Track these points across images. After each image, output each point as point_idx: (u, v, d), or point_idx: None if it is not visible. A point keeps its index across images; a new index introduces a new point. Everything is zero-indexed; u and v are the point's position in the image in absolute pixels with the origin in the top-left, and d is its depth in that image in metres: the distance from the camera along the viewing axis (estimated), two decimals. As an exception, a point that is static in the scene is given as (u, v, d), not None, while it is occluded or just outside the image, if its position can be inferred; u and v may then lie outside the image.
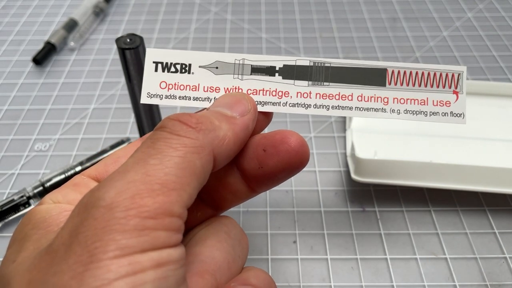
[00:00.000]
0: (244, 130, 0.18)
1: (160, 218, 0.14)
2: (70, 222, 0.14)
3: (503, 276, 0.27)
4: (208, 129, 0.16)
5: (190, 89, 0.20)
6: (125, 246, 0.13)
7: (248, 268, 0.18)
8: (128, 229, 0.13)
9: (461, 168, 0.29)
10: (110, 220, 0.13)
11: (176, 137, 0.15)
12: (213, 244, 0.17)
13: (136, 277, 0.13)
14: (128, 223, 0.13)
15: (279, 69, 0.20)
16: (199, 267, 0.16)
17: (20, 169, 0.34)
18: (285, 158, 0.18)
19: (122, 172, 0.15)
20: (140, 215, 0.13)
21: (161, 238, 0.13)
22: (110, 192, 0.14)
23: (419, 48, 0.46)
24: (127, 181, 0.14)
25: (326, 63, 0.20)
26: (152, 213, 0.14)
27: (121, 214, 0.13)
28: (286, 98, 0.20)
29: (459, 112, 0.20)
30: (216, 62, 0.20)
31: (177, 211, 0.14)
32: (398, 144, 0.34)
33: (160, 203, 0.14)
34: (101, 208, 0.14)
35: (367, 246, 0.29)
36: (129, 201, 0.14)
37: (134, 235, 0.13)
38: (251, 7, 0.52)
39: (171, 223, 0.14)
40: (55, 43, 0.45)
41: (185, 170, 0.15)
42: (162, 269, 0.13)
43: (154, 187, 0.14)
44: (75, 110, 0.39)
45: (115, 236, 0.13)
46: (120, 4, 0.53)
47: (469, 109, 0.36)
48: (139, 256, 0.13)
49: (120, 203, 0.13)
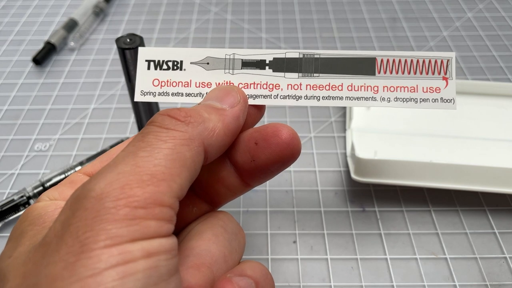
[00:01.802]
0: (235, 120, 0.18)
1: (150, 208, 0.14)
2: (62, 214, 0.14)
3: (503, 276, 0.27)
4: (197, 122, 0.16)
5: (182, 85, 0.20)
6: (115, 235, 0.13)
7: (245, 261, 0.19)
8: (118, 219, 0.13)
9: (461, 168, 0.29)
10: (100, 210, 0.13)
11: (165, 131, 0.16)
12: (209, 238, 0.18)
13: (126, 266, 0.13)
14: (118, 212, 0.13)
15: (269, 62, 0.20)
16: (195, 260, 0.17)
17: (20, 169, 0.34)
18: (277, 151, 0.18)
19: (113, 165, 0.15)
20: (130, 204, 0.14)
21: (151, 228, 0.14)
22: (100, 183, 0.14)
23: (419, 48, 0.46)
24: (117, 172, 0.14)
25: (316, 55, 0.20)
26: (142, 202, 0.14)
27: (111, 204, 0.13)
28: (277, 90, 0.20)
29: (449, 98, 0.20)
30: (207, 58, 0.21)
31: (167, 201, 0.14)
32: (398, 144, 0.34)
33: (150, 193, 0.14)
34: (91, 199, 0.14)
35: (367, 246, 0.29)
36: (119, 191, 0.14)
37: (124, 225, 0.13)
38: (251, 7, 0.52)
39: (162, 213, 0.14)
40: (55, 43, 0.45)
41: (174, 161, 0.15)
42: (153, 258, 0.13)
43: (144, 177, 0.14)
44: (75, 110, 0.39)
45: (105, 226, 0.13)
46: (120, 4, 0.53)
47: (469, 109, 0.36)
48: (130, 245, 0.13)
49: (110, 193, 0.14)
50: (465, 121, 0.36)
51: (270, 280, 0.18)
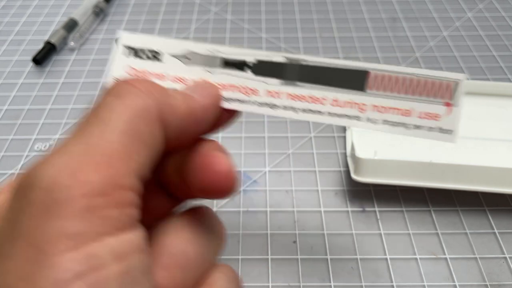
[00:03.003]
0: (202, 110, 0.16)
1: (110, 194, 0.12)
2: (8, 211, 0.12)
3: (503, 276, 0.27)
4: (158, 92, 0.14)
5: (157, 78, 0.19)
6: (75, 233, 0.11)
7: (217, 268, 0.16)
8: (74, 212, 0.11)
9: (461, 168, 0.29)
10: (51, 204, 0.11)
11: (120, 101, 0.14)
12: (187, 237, 0.16)
13: (97, 274, 0.11)
14: (73, 204, 0.11)
15: (253, 65, 0.19)
16: (168, 261, 0.15)
17: (20, 169, 0.34)
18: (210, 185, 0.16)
19: (63, 146, 0.13)
20: (86, 193, 0.11)
21: (114, 217, 0.12)
22: (48, 169, 0.12)
23: (419, 48, 0.46)
24: (66, 155, 0.12)
25: (302, 61, 0.18)
26: (100, 189, 0.12)
27: (63, 194, 0.11)
28: (255, 96, 0.18)
29: (449, 129, 0.17)
30: (188, 52, 0.19)
31: (127, 182, 0.12)
32: (398, 144, 0.34)
33: (106, 177, 0.12)
34: (39, 190, 0.12)
35: (367, 246, 0.29)
36: (71, 178, 0.12)
37: (82, 219, 0.11)
38: (251, 7, 0.52)
39: (123, 198, 0.12)
40: (55, 43, 0.45)
41: (130, 136, 0.13)
42: (126, 261, 0.12)
43: (97, 158, 0.12)
44: (75, 110, 0.39)
45: (61, 223, 0.11)
46: (120, 4, 0.53)
47: (469, 109, 0.36)
48: (95, 246, 0.11)
49: (61, 182, 0.12)
50: (465, 121, 0.35)
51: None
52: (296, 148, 0.36)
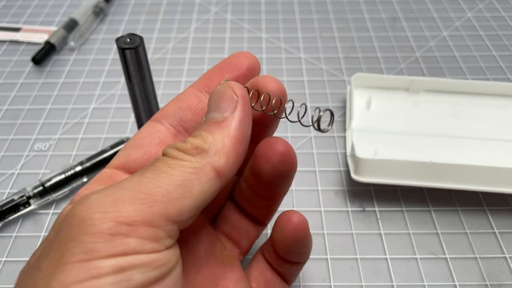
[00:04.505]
0: (240, 126, 0.18)
1: (136, 226, 0.14)
2: (59, 219, 0.15)
3: (503, 276, 0.27)
4: (204, 150, 0.16)
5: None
6: (90, 249, 0.13)
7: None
8: (99, 232, 0.13)
9: (461, 168, 0.29)
10: (86, 220, 0.14)
11: (174, 160, 0.16)
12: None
13: (93, 282, 0.13)
14: (101, 225, 0.13)
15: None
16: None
17: (20, 169, 0.34)
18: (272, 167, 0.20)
19: (118, 182, 0.15)
20: (115, 219, 0.14)
21: (131, 245, 0.14)
22: (97, 194, 0.14)
23: (419, 48, 0.46)
24: (118, 187, 0.15)
25: None
26: (129, 219, 0.14)
27: (98, 215, 0.14)
28: None
29: None
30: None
31: (157, 222, 0.14)
32: (398, 144, 0.34)
33: (140, 212, 0.14)
34: (82, 206, 0.14)
35: (367, 246, 0.29)
36: (110, 204, 0.14)
37: (103, 239, 0.13)
38: (251, 7, 0.52)
39: (147, 232, 0.14)
40: (54, 43, 0.45)
41: (178, 187, 0.15)
42: (124, 273, 0.13)
43: (140, 195, 0.14)
44: (75, 110, 0.39)
45: (85, 238, 0.13)
46: (120, 4, 0.53)
47: (469, 109, 0.36)
48: (102, 261, 0.13)
49: (101, 204, 0.14)
50: (465, 121, 0.36)
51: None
52: (296, 148, 0.35)
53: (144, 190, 0.15)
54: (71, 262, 0.13)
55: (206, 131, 0.17)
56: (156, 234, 0.14)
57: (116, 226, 0.14)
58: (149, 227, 0.14)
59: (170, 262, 0.15)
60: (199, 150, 0.16)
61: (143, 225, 0.14)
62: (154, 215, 0.14)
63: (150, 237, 0.14)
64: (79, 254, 0.13)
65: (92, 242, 0.13)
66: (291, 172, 0.21)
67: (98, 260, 0.13)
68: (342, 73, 0.43)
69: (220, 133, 0.17)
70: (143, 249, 0.14)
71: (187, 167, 0.16)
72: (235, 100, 0.18)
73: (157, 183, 0.15)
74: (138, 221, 0.14)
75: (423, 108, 0.37)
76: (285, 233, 0.21)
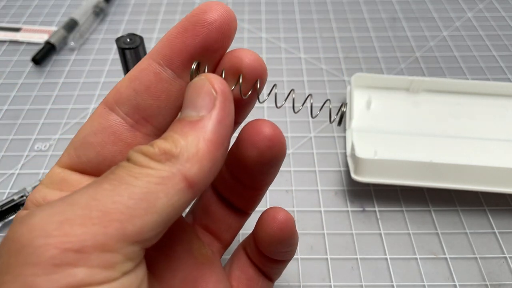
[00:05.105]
0: (219, 127, 0.15)
1: (85, 253, 0.12)
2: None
3: (503, 276, 0.27)
4: (174, 156, 0.14)
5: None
6: (29, 285, 0.11)
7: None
8: (41, 262, 0.11)
9: (461, 168, 0.29)
10: (26, 246, 0.12)
11: (139, 168, 0.14)
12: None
13: None
14: (44, 254, 0.11)
15: None
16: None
17: (20, 169, 0.34)
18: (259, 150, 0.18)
19: (70, 194, 0.13)
20: (61, 246, 0.12)
21: (78, 277, 0.12)
22: (43, 211, 0.12)
23: (419, 48, 0.46)
24: (68, 202, 0.13)
25: None
26: (77, 244, 0.12)
27: (41, 241, 0.12)
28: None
29: None
30: None
31: (113, 246, 0.12)
32: (398, 144, 0.34)
33: (91, 234, 0.12)
34: (24, 227, 0.12)
35: (367, 246, 0.29)
36: (56, 226, 0.12)
37: (45, 271, 0.11)
38: (251, 7, 0.52)
39: (100, 260, 0.12)
40: (54, 43, 0.45)
41: (141, 201, 0.13)
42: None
43: (93, 214, 0.12)
44: (75, 110, 0.39)
45: (24, 270, 0.11)
46: (120, 4, 0.53)
47: (469, 109, 0.36)
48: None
49: (45, 226, 0.12)
50: (465, 121, 0.36)
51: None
52: (296, 148, 0.36)
53: (99, 206, 0.12)
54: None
55: (178, 133, 0.14)
56: (111, 260, 0.12)
57: (61, 254, 0.12)
58: (102, 252, 0.12)
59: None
60: (168, 155, 0.14)
61: (95, 250, 0.12)
62: (109, 237, 0.12)
63: (103, 265, 0.12)
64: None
65: (31, 275, 0.11)
66: (280, 158, 0.18)
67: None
68: (342, 73, 0.43)
69: (195, 135, 0.14)
70: (93, 280, 0.12)
71: (152, 177, 0.13)
72: (214, 97, 0.15)
73: (115, 197, 0.13)
74: (89, 246, 0.12)
75: (423, 108, 0.37)
76: (270, 233, 0.19)
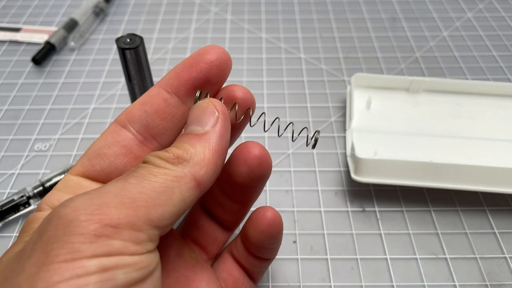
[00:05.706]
0: (220, 140, 0.18)
1: (120, 229, 0.14)
2: (42, 222, 0.15)
3: (503, 276, 0.27)
4: (186, 160, 0.17)
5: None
6: (77, 250, 0.14)
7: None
8: (86, 233, 0.14)
9: (461, 168, 0.29)
10: (72, 221, 0.14)
11: (157, 168, 0.17)
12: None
13: (79, 280, 0.13)
14: (88, 227, 0.14)
15: None
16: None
17: (20, 169, 0.34)
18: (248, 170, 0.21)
19: (102, 186, 0.16)
20: (101, 222, 0.14)
21: (115, 246, 0.14)
22: (83, 197, 0.15)
23: (419, 48, 0.46)
24: (102, 192, 0.15)
25: None
26: (114, 222, 0.14)
27: (84, 217, 0.14)
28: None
29: None
30: None
31: (141, 226, 0.15)
32: (398, 144, 0.34)
33: (124, 215, 0.15)
34: (68, 209, 0.15)
35: (367, 246, 0.29)
36: (96, 207, 0.15)
37: (89, 240, 0.14)
38: (251, 7, 0.52)
39: (131, 235, 0.15)
40: (54, 43, 0.45)
41: (160, 194, 0.16)
42: (108, 272, 0.14)
43: (125, 200, 0.15)
44: (75, 110, 0.39)
45: (71, 239, 0.14)
46: (120, 4, 0.53)
47: (469, 109, 0.36)
48: (87, 261, 0.14)
49: (88, 208, 0.14)
50: (465, 121, 0.36)
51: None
52: (296, 148, 0.36)
53: (128, 195, 0.15)
54: (57, 262, 0.13)
55: (187, 143, 0.18)
56: (139, 237, 0.15)
57: (101, 228, 0.14)
58: (132, 230, 0.15)
59: (151, 265, 0.15)
60: (181, 159, 0.17)
61: (127, 228, 0.15)
62: (138, 219, 0.15)
63: (133, 240, 0.15)
64: (65, 254, 0.13)
65: (78, 242, 0.14)
66: (266, 175, 0.22)
67: (83, 259, 0.14)
68: (342, 73, 0.43)
69: (202, 145, 0.18)
70: (127, 251, 0.14)
71: (169, 175, 0.16)
72: (217, 116, 0.19)
73: (140, 189, 0.16)
74: (123, 224, 0.14)
75: (423, 108, 0.37)
76: (260, 229, 0.22)
